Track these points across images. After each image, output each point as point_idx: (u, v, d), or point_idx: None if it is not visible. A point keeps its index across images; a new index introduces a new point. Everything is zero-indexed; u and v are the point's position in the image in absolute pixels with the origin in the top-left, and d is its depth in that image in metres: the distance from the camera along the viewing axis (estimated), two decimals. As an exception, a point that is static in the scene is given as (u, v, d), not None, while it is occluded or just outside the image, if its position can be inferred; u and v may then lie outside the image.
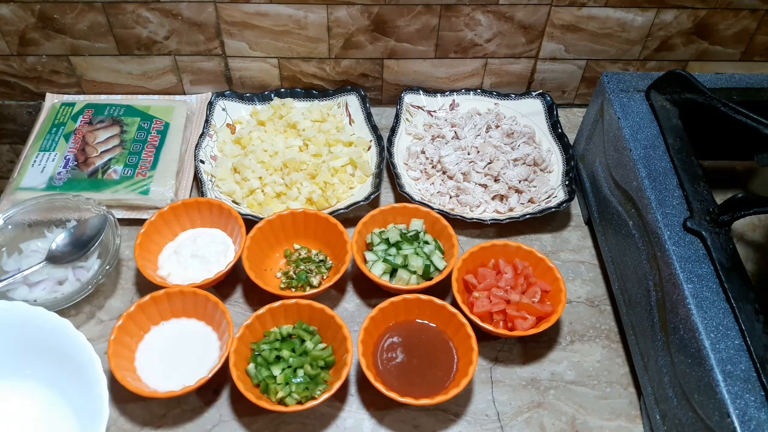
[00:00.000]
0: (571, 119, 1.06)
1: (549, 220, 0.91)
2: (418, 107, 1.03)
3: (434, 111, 1.03)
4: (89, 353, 0.65)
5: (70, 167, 0.91)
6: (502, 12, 0.94)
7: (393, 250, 0.80)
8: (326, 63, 1.01)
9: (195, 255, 0.81)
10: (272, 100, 1.02)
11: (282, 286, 0.81)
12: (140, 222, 0.86)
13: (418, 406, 0.72)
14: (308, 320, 0.75)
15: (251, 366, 0.71)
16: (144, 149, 0.93)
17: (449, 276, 0.78)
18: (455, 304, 0.75)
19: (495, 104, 1.03)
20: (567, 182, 0.91)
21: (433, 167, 0.94)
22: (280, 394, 0.68)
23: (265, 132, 0.97)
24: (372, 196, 0.88)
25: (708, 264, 0.64)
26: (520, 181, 0.92)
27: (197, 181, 0.91)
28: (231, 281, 0.84)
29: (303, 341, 0.73)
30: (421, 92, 1.04)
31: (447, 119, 1.01)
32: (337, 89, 1.03)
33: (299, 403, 0.68)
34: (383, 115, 1.05)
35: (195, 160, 0.93)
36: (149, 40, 0.98)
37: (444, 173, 0.93)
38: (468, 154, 0.94)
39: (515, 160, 0.94)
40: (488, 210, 0.91)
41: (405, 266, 0.79)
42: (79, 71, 1.02)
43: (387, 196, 0.95)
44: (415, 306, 0.75)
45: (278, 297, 0.76)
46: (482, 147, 0.94)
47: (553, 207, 0.87)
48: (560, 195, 0.90)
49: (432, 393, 0.69)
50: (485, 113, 1.02)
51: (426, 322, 0.76)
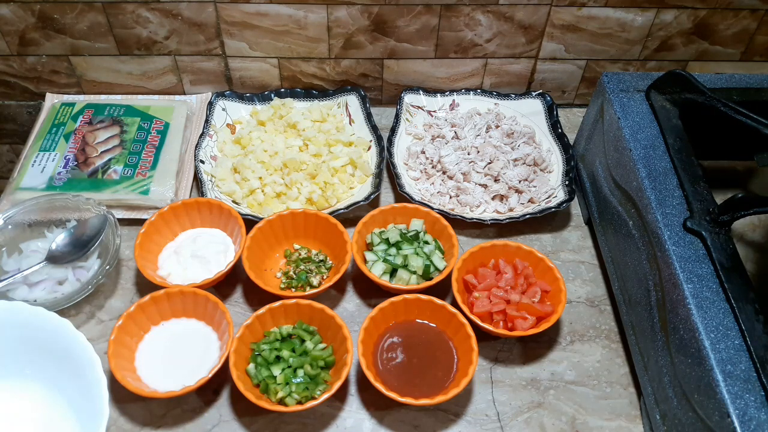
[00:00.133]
0: (571, 119, 1.06)
1: (549, 220, 0.91)
2: (418, 107, 1.03)
3: (434, 111, 1.03)
4: (89, 353, 0.65)
5: (70, 167, 0.91)
6: (502, 12, 0.94)
7: (393, 250, 0.80)
8: (326, 63, 1.01)
9: (195, 255, 0.81)
10: (272, 100, 1.02)
11: (282, 286, 0.81)
12: (140, 222, 0.86)
13: (418, 406, 0.72)
14: (308, 320, 0.75)
15: (251, 366, 0.71)
16: (144, 149, 0.93)
17: (449, 276, 0.78)
18: (455, 304, 0.75)
19: (495, 104, 1.03)
20: (567, 182, 0.91)
21: (433, 167, 0.94)
22: (280, 394, 0.68)
23: (265, 132, 0.97)
24: (372, 196, 0.88)
25: (708, 264, 0.64)
26: (520, 181, 0.92)
27: (197, 181, 0.91)
28: (231, 281, 0.84)
29: (303, 341, 0.73)
30: (421, 92, 1.04)
31: (447, 119, 1.01)
32: (337, 89, 1.03)
33: (299, 403, 0.68)
34: (383, 115, 1.05)
35: (195, 160, 0.93)
36: (149, 40, 0.98)
37: (444, 173, 0.93)
38: (468, 154, 0.94)
39: (515, 160, 0.94)
40: (488, 210, 0.91)
41: (405, 266, 0.79)
42: (79, 71, 1.02)
43: (387, 196, 0.95)
44: (415, 306, 0.75)
45: (278, 297, 0.76)
46: (482, 147, 0.94)
47: (553, 207, 0.87)
48: (560, 195, 0.90)
49: (432, 393, 0.69)
50: (485, 113, 1.02)
51: (426, 322, 0.76)
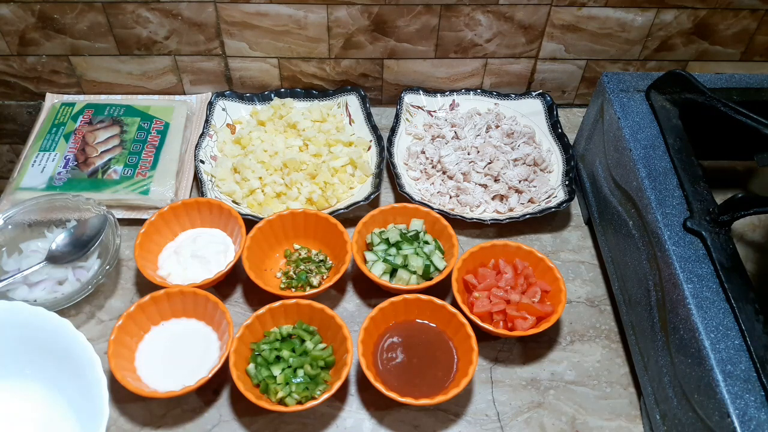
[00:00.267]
0: (571, 119, 1.06)
1: (549, 220, 0.91)
2: (418, 107, 1.03)
3: (434, 111, 1.03)
4: (89, 353, 0.65)
5: (70, 167, 0.91)
6: (502, 12, 0.94)
7: (393, 250, 0.80)
8: (326, 63, 1.01)
9: (195, 255, 0.81)
10: (272, 100, 1.02)
11: (282, 286, 0.81)
12: (140, 222, 0.86)
13: (418, 406, 0.72)
14: (308, 320, 0.75)
15: (251, 366, 0.71)
16: (144, 149, 0.93)
17: (449, 276, 0.78)
18: (455, 304, 0.75)
19: (495, 104, 1.03)
20: (567, 182, 0.91)
21: (433, 167, 0.94)
22: (280, 394, 0.68)
23: (265, 132, 0.97)
24: (372, 196, 0.88)
25: (708, 264, 0.64)
26: (520, 181, 0.92)
27: (197, 181, 0.91)
28: (231, 281, 0.83)
29: (303, 341, 0.73)
30: (421, 92, 1.04)
31: (447, 119, 1.01)
32: (337, 89, 1.03)
33: (299, 403, 0.68)
34: (383, 115, 1.05)
35: (195, 160, 0.93)
36: (149, 40, 0.98)
37: (444, 173, 0.93)
38: (468, 154, 0.94)
39: (515, 160, 0.94)
40: (488, 210, 0.91)
41: (405, 266, 0.79)
42: (79, 71, 1.02)
43: (387, 196, 0.95)
44: (415, 306, 0.75)
45: (278, 297, 0.76)
46: (482, 147, 0.94)
47: (553, 207, 0.87)
48: (560, 195, 0.90)
49: (432, 393, 0.69)
50: (485, 113, 1.02)
51: (426, 322, 0.76)
